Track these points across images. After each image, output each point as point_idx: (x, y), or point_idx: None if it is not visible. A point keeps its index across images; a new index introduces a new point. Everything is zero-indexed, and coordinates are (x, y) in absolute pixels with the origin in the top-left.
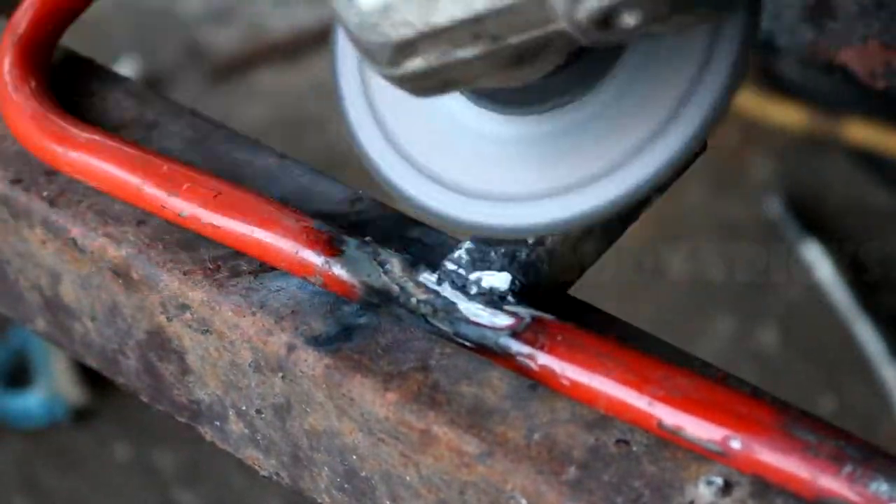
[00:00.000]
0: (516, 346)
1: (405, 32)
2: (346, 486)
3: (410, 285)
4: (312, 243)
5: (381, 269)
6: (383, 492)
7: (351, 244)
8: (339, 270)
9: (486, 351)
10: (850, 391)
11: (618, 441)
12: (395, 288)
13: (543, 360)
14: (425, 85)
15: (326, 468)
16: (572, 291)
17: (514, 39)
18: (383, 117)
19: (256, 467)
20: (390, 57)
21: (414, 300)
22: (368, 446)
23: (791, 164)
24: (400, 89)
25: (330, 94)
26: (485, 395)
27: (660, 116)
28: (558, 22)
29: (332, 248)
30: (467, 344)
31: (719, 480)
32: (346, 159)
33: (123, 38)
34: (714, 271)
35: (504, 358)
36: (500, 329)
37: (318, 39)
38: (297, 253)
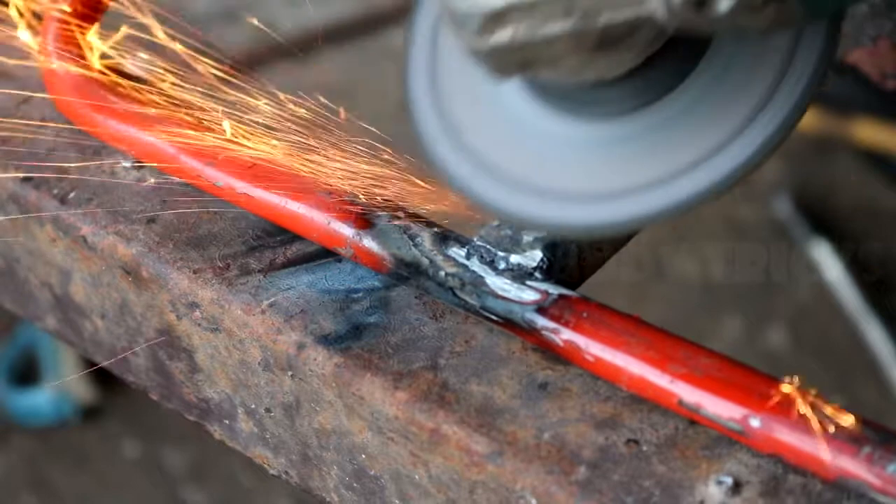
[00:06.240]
0: (542, 322)
1: (499, 2)
2: (355, 485)
3: (440, 259)
4: (344, 215)
5: (412, 243)
6: (392, 491)
7: (382, 217)
8: (369, 243)
9: (511, 325)
10: (859, 391)
11: (628, 441)
12: (425, 261)
13: (568, 335)
14: (507, 60)
15: (335, 467)
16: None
17: (604, 18)
18: (455, 121)
19: (265, 466)
20: (480, 25)
21: (442, 273)
22: (378, 445)
23: (800, 165)
24: (481, 65)
25: (338, 94)
26: (494, 395)
27: (733, 124)
28: (649, 3)
29: (364, 221)
30: (494, 318)
31: (729, 480)
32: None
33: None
34: (722, 272)
35: (529, 333)
36: (527, 304)
37: (327, 39)
38: (328, 224)
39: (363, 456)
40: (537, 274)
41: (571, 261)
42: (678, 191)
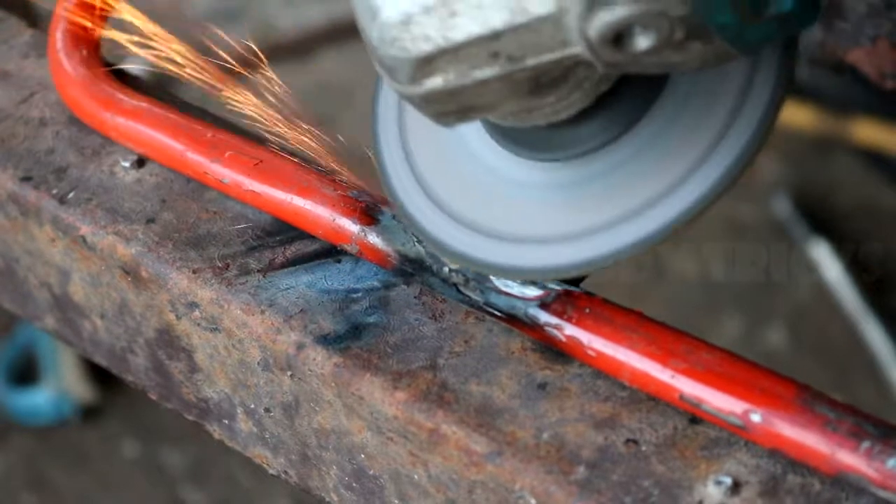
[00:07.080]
0: (545, 317)
1: (425, 48)
2: (354, 484)
3: None
4: (349, 211)
5: (416, 239)
6: (392, 491)
7: (387, 214)
8: (374, 239)
9: (514, 321)
10: (858, 391)
11: (627, 440)
12: (429, 257)
13: (571, 331)
14: (445, 108)
15: (335, 467)
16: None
17: (531, 61)
18: (419, 168)
19: (265, 466)
20: (410, 73)
21: (446, 269)
22: (377, 445)
23: (800, 165)
24: (422, 113)
25: (337, 92)
26: (493, 395)
27: (686, 164)
28: (574, 45)
29: (368, 217)
30: (497, 314)
31: (728, 480)
32: (354, 157)
33: None
34: (722, 271)
35: (532, 328)
36: (530, 299)
37: (326, 39)
38: (333, 220)
39: (362, 456)
40: None
41: None
42: (632, 231)
